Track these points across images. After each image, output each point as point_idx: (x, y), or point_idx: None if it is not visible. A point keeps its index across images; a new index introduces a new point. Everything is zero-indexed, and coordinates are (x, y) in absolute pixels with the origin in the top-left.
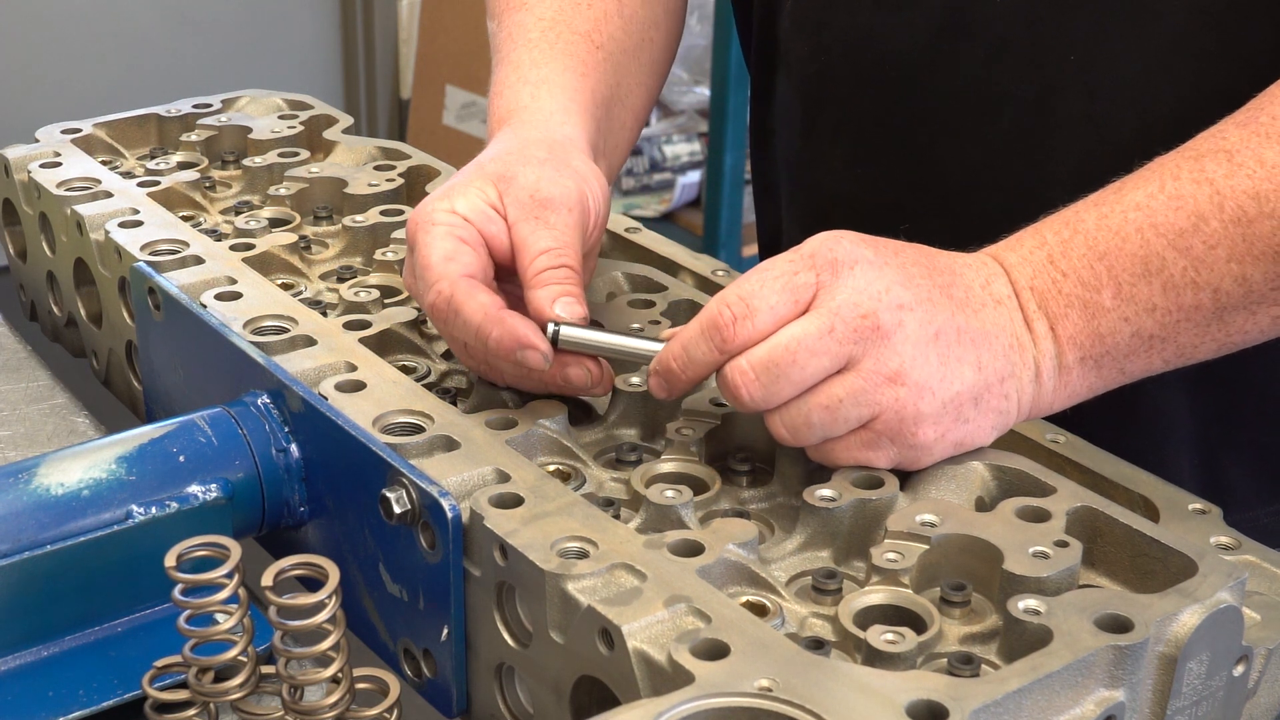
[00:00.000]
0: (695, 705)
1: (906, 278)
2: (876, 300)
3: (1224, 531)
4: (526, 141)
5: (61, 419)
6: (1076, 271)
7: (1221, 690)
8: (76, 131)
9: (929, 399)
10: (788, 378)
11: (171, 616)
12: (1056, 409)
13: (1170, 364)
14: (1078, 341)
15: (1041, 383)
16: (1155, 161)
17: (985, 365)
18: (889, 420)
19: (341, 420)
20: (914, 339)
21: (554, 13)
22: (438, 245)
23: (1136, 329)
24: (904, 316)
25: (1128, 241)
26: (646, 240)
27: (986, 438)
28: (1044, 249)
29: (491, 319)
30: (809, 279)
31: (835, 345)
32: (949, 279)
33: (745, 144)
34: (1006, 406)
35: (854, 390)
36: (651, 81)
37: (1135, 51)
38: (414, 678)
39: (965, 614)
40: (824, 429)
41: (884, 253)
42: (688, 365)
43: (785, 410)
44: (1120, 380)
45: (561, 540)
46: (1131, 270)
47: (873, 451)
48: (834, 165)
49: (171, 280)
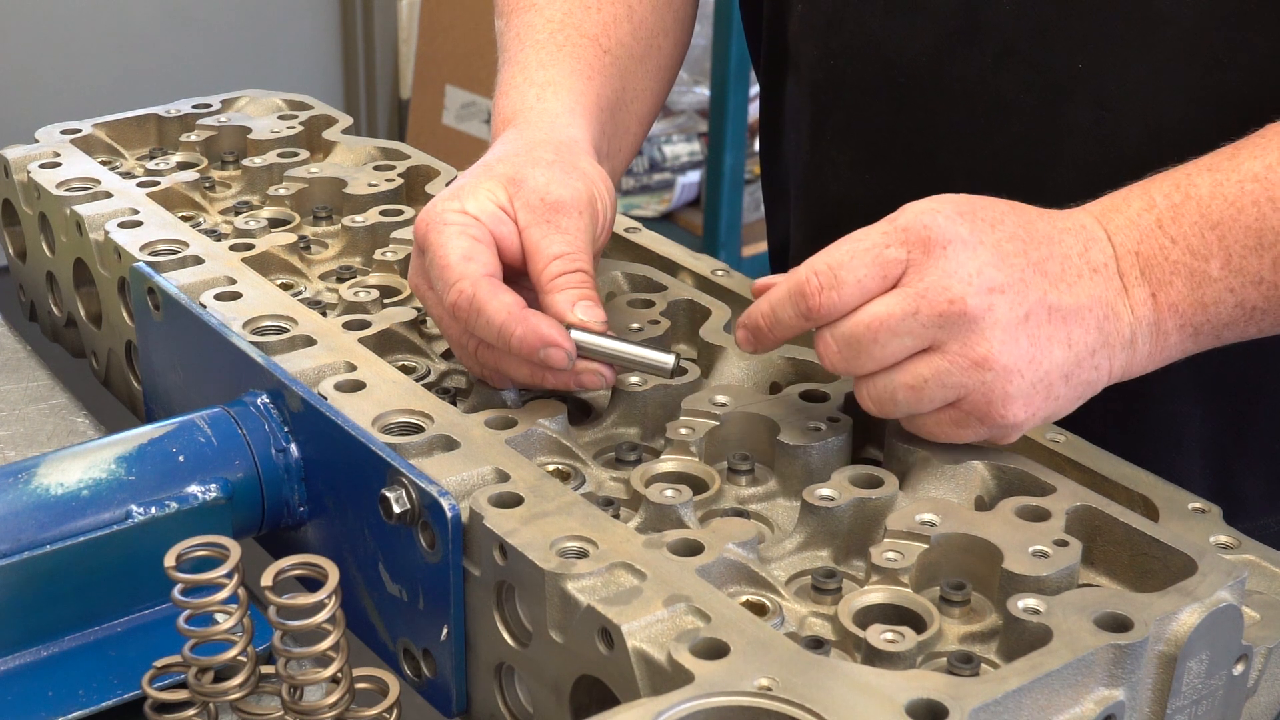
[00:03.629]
0: (695, 705)
1: (1000, 257)
2: (966, 284)
3: (1223, 531)
4: (533, 143)
5: (61, 419)
6: (1186, 239)
7: (1221, 689)
8: (76, 132)
9: (1017, 381)
10: (869, 354)
11: (171, 616)
12: (1148, 371)
13: (1264, 333)
14: (1179, 309)
15: (1135, 348)
16: (1270, 129)
17: (1075, 341)
18: (976, 402)
19: (341, 420)
20: (1003, 323)
21: (563, 15)
22: (454, 244)
23: (1240, 300)
24: (994, 300)
25: (1243, 213)
26: (646, 240)
27: (1072, 407)
28: (1153, 212)
29: (515, 318)
30: (899, 254)
31: (919, 327)
32: (1045, 251)
33: (745, 144)
34: (1096, 377)
35: (939, 372)
36: (658, 87)
37: (1143, 58)
38: (414, 677)
39: (965, 613)
40: (909, 406)
41: (980, 229)
42: (774, 326)
43: (871, 384)
44: (1214, 344)
45: (561, 540)
46: (1244, 243)
47: (962, 429)
48: (841, 170)
49: (171, 280)
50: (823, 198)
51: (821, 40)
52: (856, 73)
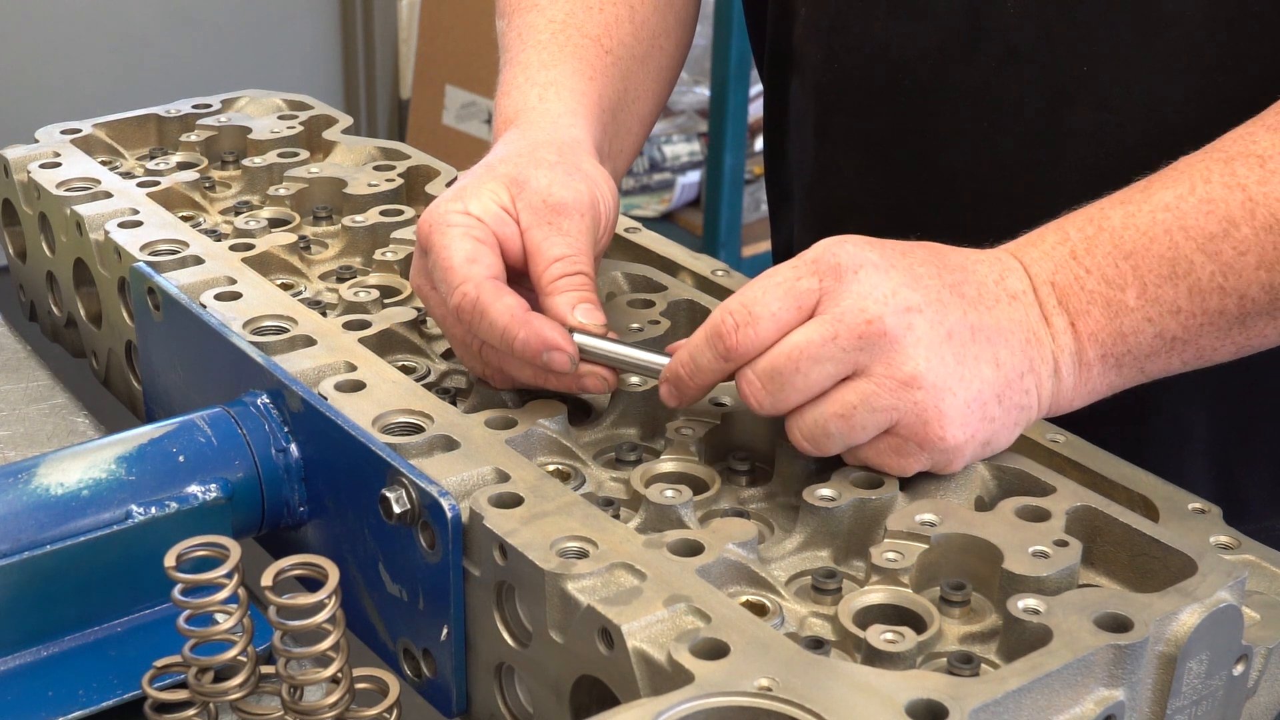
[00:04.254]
0: (695, 705)
1: (914, 279)
2: (882, 304)
3: (1223, 531)
4: (536, 144)
5: (61, 419)
6: (1100, 269)
7: (1221, 689)
8: (76, 132)
9: (949, 399)
10: (793, 385)
11: (171, 616)
12: (1076, 406)
13: (1188, 365)
14: (1099, 339)
15: (1061, 378)
16: (1182, 162)
17: (1004, 361)
18: (912, 425)
19: (341, 420)
20: (926, 341)
21: (565, 15)
22: (458, 246)
23: (1159, 330)
24: (913, 319)
25: (1155, 242)
26: (646, 240)
27: (1011, 436)
28: (1066, 244)
29: (518, 321)
30: (812, 284)
31: (839, 352)
32: (960, 276)
33: (745, 144)
34: (1028, 402)
35: (866, 396)
36: (659, 89)
37: (1147, 61)
38: (414, 677)
39: (965, 613)
40: (843, 438)
41: (890, 255)
42: (695, 373)
43: (800, 420)
44: (1139, 380)
45: (561, 540)
46: (1158, 271)
47: (903, 459)
48: (845, 173)
49: (171, 280)
50: (827, 200)
51: (825, 43)
52: (860, 75)
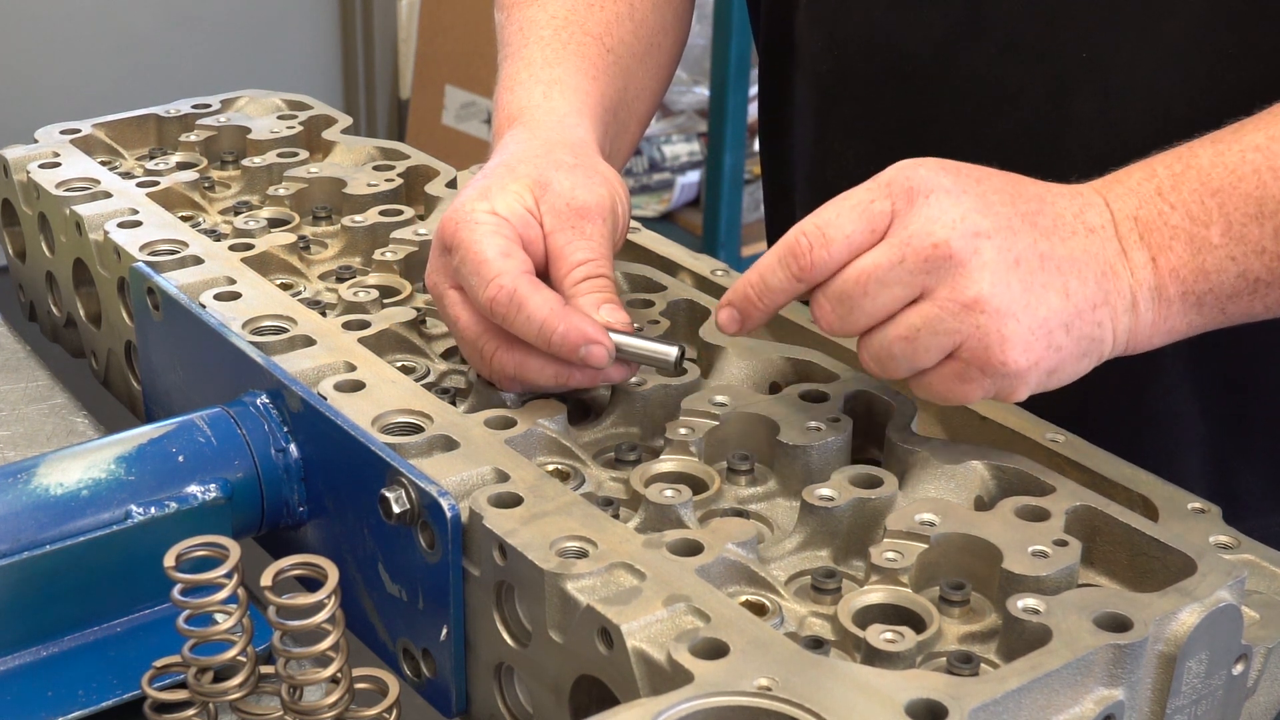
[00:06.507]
0: (694, 704)
1: (985, 205)
2: (950, 228)
3: (1223, 530)
4: (550, 144)
5: (61, 419)
6: (1185, 205)
7: (1221, 689)
8: (76, 132)
9: (1013, 324)
10: (861, 308)
11: (171, 616)
12: (1155, 344)
13: (1271, 312)
14: (1180, 275)
15: (1139, 314)
16: (1277, 106)
17: (1074, 291)
18: (974, 349)
19: (341, 420)
20: (992, 265)
21: (566, 11)
22: (490, 242)
23: (1243, 269)
24: (980, 244)
25: (1244, 181)
26: (646, 240)
27: (1078, 368)
28: (1152, 181)
29: (557, 315)
30: (884, 206)
31: (906, 274)
32: (1035, 206)
33: (745, 144)
34: (1100, 334)
35: (929, 318)
36: (657, 87)
37: (1150, 50)
38: (413, 677)
39: (964, 613)
40: (908, 360)
41: (964, 180)
42: (764, 293)
43: (869, 343)
44: (1220, 322)
45: (561, 540)
46: (1245, 210)
47: (966, 384)
48: (847, 162)
49: (171, 280)
50: (828, 188)
51: (827, 31)
52: (862, 64)
